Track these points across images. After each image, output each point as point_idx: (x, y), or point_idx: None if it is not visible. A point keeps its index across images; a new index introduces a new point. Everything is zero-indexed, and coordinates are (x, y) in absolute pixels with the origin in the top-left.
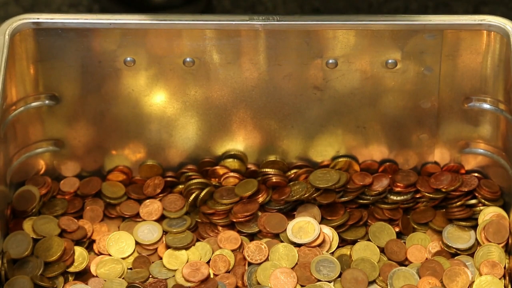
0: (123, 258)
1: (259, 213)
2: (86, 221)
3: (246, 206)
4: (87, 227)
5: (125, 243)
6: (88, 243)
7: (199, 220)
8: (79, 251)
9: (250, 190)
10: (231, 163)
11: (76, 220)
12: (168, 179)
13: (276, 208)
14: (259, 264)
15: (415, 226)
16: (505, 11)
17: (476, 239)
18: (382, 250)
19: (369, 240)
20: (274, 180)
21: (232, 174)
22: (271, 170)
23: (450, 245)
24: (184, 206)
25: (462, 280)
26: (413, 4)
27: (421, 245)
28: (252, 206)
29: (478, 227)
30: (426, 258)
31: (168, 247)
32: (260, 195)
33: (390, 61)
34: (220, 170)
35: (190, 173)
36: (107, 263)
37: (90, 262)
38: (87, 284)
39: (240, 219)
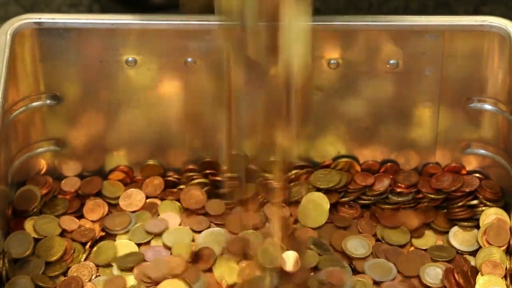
0: None
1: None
2: (87, 220)
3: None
4: (88, 226)
5: None
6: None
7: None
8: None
9: (248, 194)
10: (232, 162)
11: (77, 220)
12: (169, 179)
13: None
14: None
15: None
16: (505, 10)
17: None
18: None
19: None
20: (274, 186)
21: (232, 174)
22: (271, 175)
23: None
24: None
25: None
26: (413, 3)
27: None
28: (251, 206)
29: (479, 230)
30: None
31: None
32: (259, 196)
33: (391, 61)
34: (221, 170)
35: (191, 173)
36: None
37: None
38: None
39: None
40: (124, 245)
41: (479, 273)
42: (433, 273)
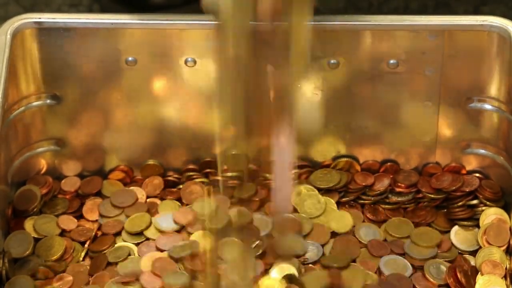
0: None
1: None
2: (86, 220)
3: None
4: (88, 226)
5: None
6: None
7: None
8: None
9: (247, 193)
10: (232, 162)
11: (75, 219)
12: (169, 178)
13: None
14: None
15: None
16: (505, 10)
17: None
18: None
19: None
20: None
21: (232, 174)
22: (270, 175)
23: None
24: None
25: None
26: (413, 3)
27: None
28: (251, 206)
29: (479, 230)
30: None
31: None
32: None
33: (391, 61)
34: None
35: (191, 173)
36: None
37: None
38: None
39: None
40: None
41: (479, 273)
42: (437, 269)
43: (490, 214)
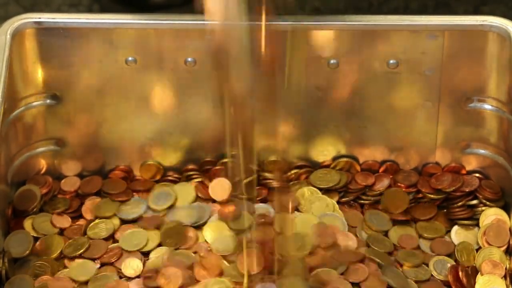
0: None
1: None
2: (85, 220)
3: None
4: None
5: None
6: None
7: None
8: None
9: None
10: (232, 162)
11: (69, 218)
12: (170, 178)
13: None
14: None
15: None
16: (505, 10)
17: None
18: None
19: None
20: (274, 185)
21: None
22: (271, 175)
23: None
24: None
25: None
26: (413, 3)
27: None
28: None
29: (479, 231)
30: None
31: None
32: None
33: (391, 61)
34: (221, 170)
35: (190, 173)
36: None
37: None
38: None
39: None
40: None
41: (479, 273)
42: (442, 265)
43: (490, 214)
